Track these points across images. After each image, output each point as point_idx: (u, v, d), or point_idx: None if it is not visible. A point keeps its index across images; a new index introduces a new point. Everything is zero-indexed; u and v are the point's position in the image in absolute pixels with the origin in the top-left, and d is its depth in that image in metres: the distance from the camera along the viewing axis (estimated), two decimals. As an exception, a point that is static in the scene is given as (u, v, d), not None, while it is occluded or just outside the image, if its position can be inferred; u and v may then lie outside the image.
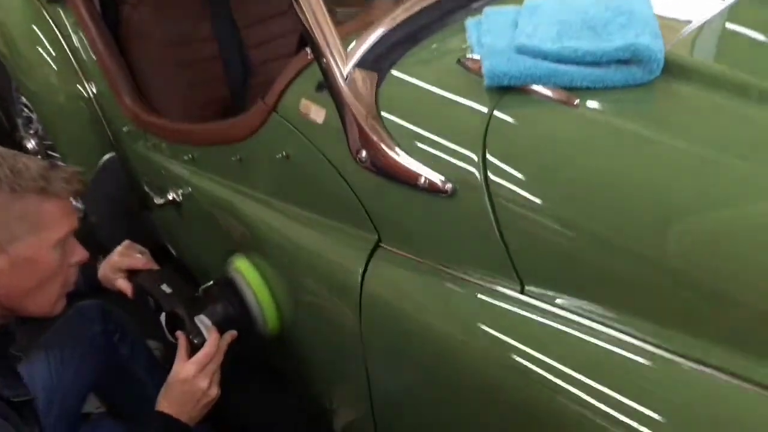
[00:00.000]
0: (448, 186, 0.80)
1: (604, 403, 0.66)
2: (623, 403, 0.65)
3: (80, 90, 1.68)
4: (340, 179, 0.94)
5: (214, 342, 1.07)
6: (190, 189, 1.36)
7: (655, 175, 0.70)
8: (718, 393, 0.62)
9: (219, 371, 1.08)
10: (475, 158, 0.78)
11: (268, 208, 1.09)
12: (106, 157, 1.68)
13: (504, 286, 0.78)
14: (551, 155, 0.75)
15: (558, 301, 0.73)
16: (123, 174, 1.70)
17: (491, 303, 0.78)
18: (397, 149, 0.84)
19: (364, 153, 0.87)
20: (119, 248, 1.26)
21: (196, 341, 1.07)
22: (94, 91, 1.67)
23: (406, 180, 0.84)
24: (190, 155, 1.31)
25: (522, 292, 0.76)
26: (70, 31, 1.68)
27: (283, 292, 1.10)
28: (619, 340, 0.68)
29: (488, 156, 0.77)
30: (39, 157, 2.07)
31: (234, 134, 1.12)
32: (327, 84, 0.90)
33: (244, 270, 1.14)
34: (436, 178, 0.81)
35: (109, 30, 1.64)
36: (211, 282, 1.18)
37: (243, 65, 1.83)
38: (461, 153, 0.80)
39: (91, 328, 1.34)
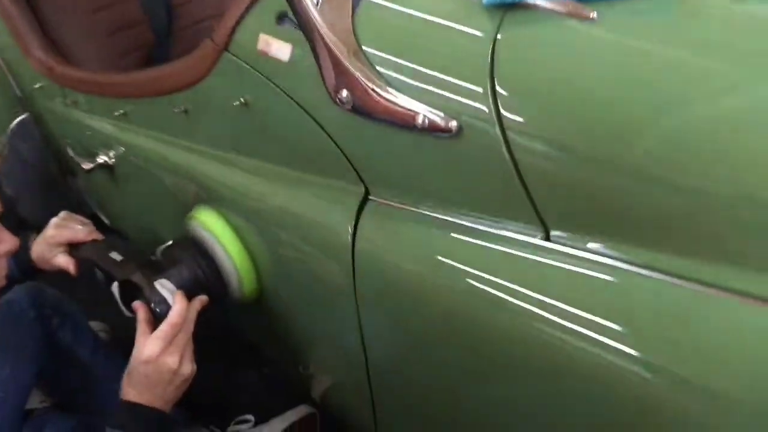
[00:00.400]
0: (452, 123, 0.68)
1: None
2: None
3: (-24, 44, 1.45)
4: (314, 126, 0.81)
5: (181, 308, 0.90)
6: (123, 149, 1.20)
7: (692, 99, 0.61)
8: None
9: (192, 344, 0.92)
10: (482, 89, 0.66)
11: (227, 166, 0.95)
12: (18, 119, 1.47)
13: (525, 234, 0.68)
14: (571, 80, 0.65)
15: (590, 245, 0.65)
16: (39, 137, 1.49)
17: (511, 253, 0.69)
18: (386, 86, 0.72)
19: (344, 93, 0.75)
20: (55, 220, 1.10)
21: (158, 310, 0.91)
22: (-4, 45, 1.44)
23: (400, 121, 0.72)
24: (121, 110, 1.14)
25: (547, 238, 0.67)
26: (-43, -26, 1.43)
27: (260, 252, 0.96)
28: (666, 284, 0.61)
29: (498, 86, 0.66)
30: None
31: (176, 82, 0.97)
32: (294, 13, 0.76)
33: (211, 224, 0.97)
34: (437, 115, 0.69)
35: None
36: (170, 242, 1.02)
37: (164, 4, 1.63)
38: (464, 85, 0.68)
39: (24, 315, 1.18)
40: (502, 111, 0.66)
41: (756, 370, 0.54)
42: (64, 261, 1.08)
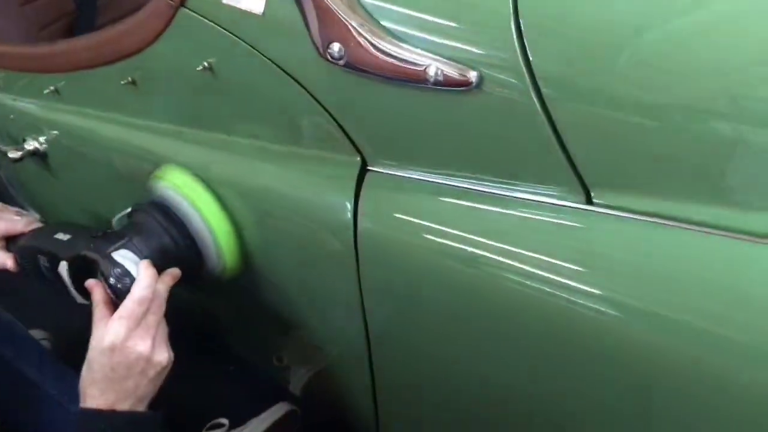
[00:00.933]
0: (471, 75, 0.58)
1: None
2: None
3: None
4: (297, 88, 0.69)
5: (148, 279, 0.73)
6: (57, 133, 1.04)
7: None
8: None
9: (165, 326, 0.75)
10: (506, 32, 0.57)
11: (189, 143, 0.82)
12: None
13: (562, 198, 0.60)
14: (612, 19, 0.56)
15: (638, 206, 0.57)
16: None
17: (548, 222, 0.60)
18: (387, 36, 0.62)
19: (336, 47, 0.63)
20: None
21: (119, 286, 0.74)
22: None
23: (405, 76, 0.61)
24: (51, 87, 0.98)
25: (589, 202, 0.59)
26: None
27: (243, 227, 0.82)
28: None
29: (524, 26, 0.56)
30: None
31: (121, 48, 0.82)
32: (271, -47, 0.64)
33: (184, 185, 0.81)
34: (452, 67, 0.59)
35: None
36: (129, 209, 0.85)
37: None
38: (484, 28, 0.58)
39: None
40: (531, 55, 0.56)
41: None
42: (1, 258, 0.91)
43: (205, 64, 0.75)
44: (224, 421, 1.19)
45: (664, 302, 0.54)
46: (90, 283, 0.77)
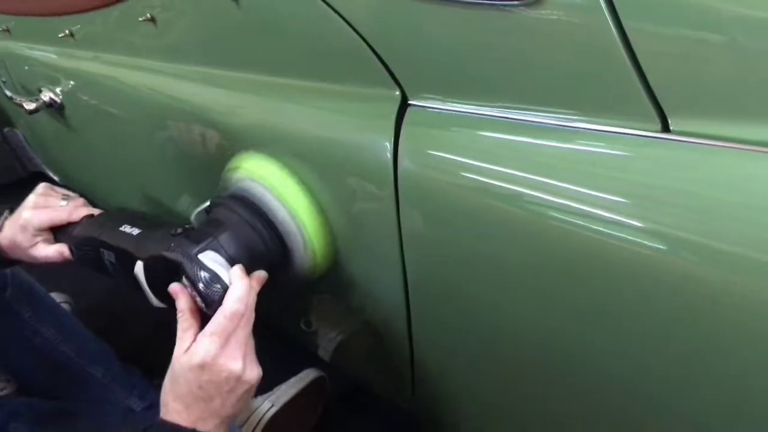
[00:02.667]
0: (529, -12, 0.51)
1: None
2: None
3: None
4: (329, 13, 0.62)
5: (241, 289, 0.67)
6: (73, 82, 0.98)
7: None
8: None
9: (252, 337, 0.68)
10: (573, -63, 0.49)
11: (218, 87, 0.76)
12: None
13: (636, 127, 0.52)
14: None
15: (722, 134, 0.49)
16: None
17: (618, 155, 0.53)
18: (433, -56, 0.54)
19: (375, -39, 0.57)
20: (32, 197, 0.86)
21: (210, 292, 0.67)
22: None
23: (453, -8, 0.54)
24: (66, 31, 0.92)
25: (666, 130, 0.52)
26: None
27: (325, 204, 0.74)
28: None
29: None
30: None
31: (138, -20, 0.76)
32: None
33: (262, 171, 0.72)
34: (506, -21, 0.52)
35: None
36: (207, 203, 0.77)
37: None
38: (546, -68, 0.51)
39: None
40: (604, -37, 0.49)
41: None
42: (53, 251, 0.84)
43: (231, -9, 0.68)
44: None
45: (751, 241, 0.47)
46: (175, 288, 0.70)
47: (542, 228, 0.56)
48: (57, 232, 0.85)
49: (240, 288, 0.67)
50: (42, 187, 0.87)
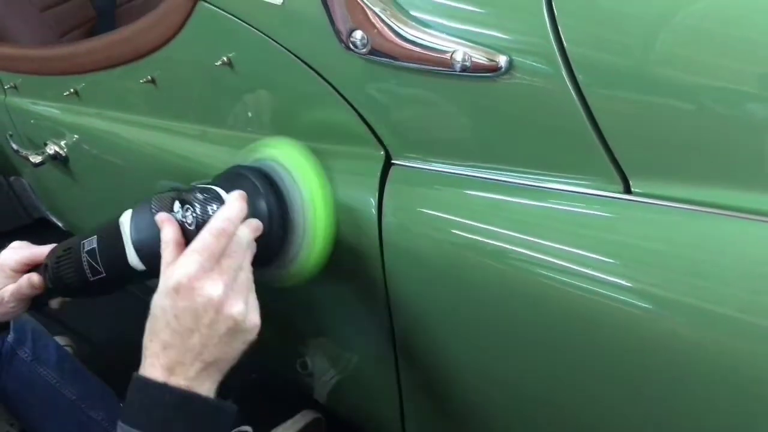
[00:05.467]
0: (501, 59, 0.56)
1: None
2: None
3: None
4: (318, 80, 0.67)
5: (235, 208, 0.60)
6: (77, 136, 1.03)
7: None
8: None
9: (253, 288, 0.61)
10: (537, 17, 0.54)
11: (209, 143, 0.80)
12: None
13: (600, 188, 0.56)
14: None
15: (679, 194, 0.53)
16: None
17: (584, 213, 0.57)
18: (412, 22, 0.59)
19: (359, 34, 0.61)
20: (6, 250, 0.81)
21: (210, 210, 0.61)
22: None
23: (431, 62, 0.59)
24: (71, 89, 0.97)
25: (627, 191, 0.55)
26: None
27: None
28: None
29: (557, 11, 0.53)
30: None
31: (140, 45, 0.81)
32: (290, -61, 0.62)
33: (293, 159, 0.68)
34: (479, 51, 0.56)
35: None
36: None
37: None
38: (513, 14, 0.55)
39: None
40: (565, 40, 0.53)
41: None
42: (23, 280, 0.76)
43: (224, 58, 0.73)
44: (248, 428, 1.17)
45: (707, 294, 0.51)
46: (162, 216, 0.62)
47: (518, 281, 0.60)
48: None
49: (234, 207, 0.61)
50: (16, 243, 0.82)
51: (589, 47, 0.53)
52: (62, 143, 1.05)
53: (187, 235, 0.62)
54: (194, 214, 0.62)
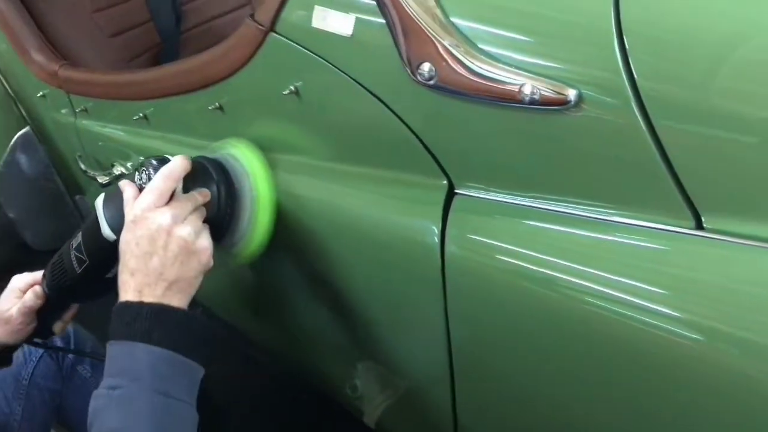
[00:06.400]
0: (570, 93, 0.56)
1: None
2: None
3: (-30, 53, 1.31)
4: (384, 110, 0.68)
5: (181, 158, 0.75)
6: (144, 158, 1.06)
7: None
8: None
9: (199, 218, 0.74)
10: (608, 51, 0.54)
11: (276, 169, 0.82)
12: (19, 133, 1.34)
13: (669, 223, 0.56)
14: (733, 32, 0.52)
15: (753, 231, 0.52)
16: (43, 152, 1.36)
17: (652, 248, 0.56)
18: (480, 55, 0.60)
19: (427, 67, 0.62)
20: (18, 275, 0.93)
21: (148, 177, 0.75)
22: (-10, 52, 1.31)
23: (498, 95, 0.59)
24: (141, 114, 1.01)
25: (699, 227, 0.55)
26: (-57, -24, 1.30)
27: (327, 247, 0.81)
28: None
29: (629, 45, 0.53)
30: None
31: (210, 74, 0.84)
32: (362, -25, 0.64)
33: (247, 157, 0.80)
34: (548, 85, 0.57)
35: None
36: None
37: (171, 3, 1.51)
38: (583, 49, 0.56)
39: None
40: (636, 74, 0.53)
41: None
42: (28, 294, 0.88)
43: (292, 88, 0.75)
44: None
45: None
46: (122, 183, 0.77)
47: (581, 314, 0.59)
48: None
49: (178, 159, 0.76)
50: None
51: (661, 81, 0.53)
52: (129, 165, 1.09)
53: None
54: (149, 176, 0.76)
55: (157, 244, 0.69)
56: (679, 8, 0.52)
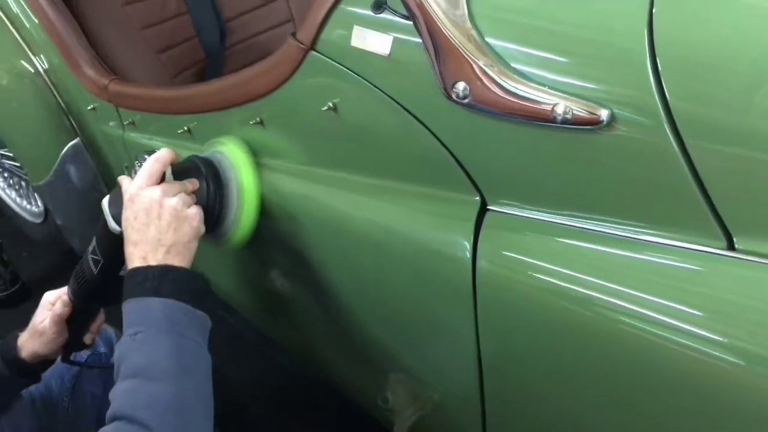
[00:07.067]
0: (603, 113, 0.57)
1: None
2: None
3: (26, 66, 1.38)
4: (419, 127, 0.70)
5: (166, 149, 0.87)
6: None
7: None
8: None
9: (187, 193, 0.84)
10: (641, 72, 0.55)
11: (311, 182, 0.85)
12: (69, 144, 1.39)
13: (701, 243, 0.56)
14: (763, 54, 0.52)
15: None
16: (92, 163, 1.41)
17: (685, 268, 0.57)
18: (514, 75, 0.61)
19: (461, 86, 0.64)
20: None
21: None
22: (45, 65, 1.37)
23: (532, 115, 0.61)
24: (185, 127, 1.04)
25: (731, 248, 0.55)
26: (6, -5, 1.37)
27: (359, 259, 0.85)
28: None
29: (660, 64, 0.54)
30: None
31: (252, 89, 0.87)
32: (400, -3, 0.66)
33: (236, 156, 0.90)
34: (581, 105, 0.58)
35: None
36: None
37: (216, 20, 1.56)
38: (616, 70, 0.57)
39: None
40: (668, 95, 0.54)
41: None
42: (57, 305, 0.96)
43: (330, 104, 0.77)
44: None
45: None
46: (120, 177, 0.87)
47: (612, 331, 0.60)
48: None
49: (164, 149, 0.87)
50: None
51: (694, 102, 0.53)
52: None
53: None
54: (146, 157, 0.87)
55: (152, 215, 0.79)
56: (711, 29, 0.53)
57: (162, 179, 0.85)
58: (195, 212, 0.82)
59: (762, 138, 0.51)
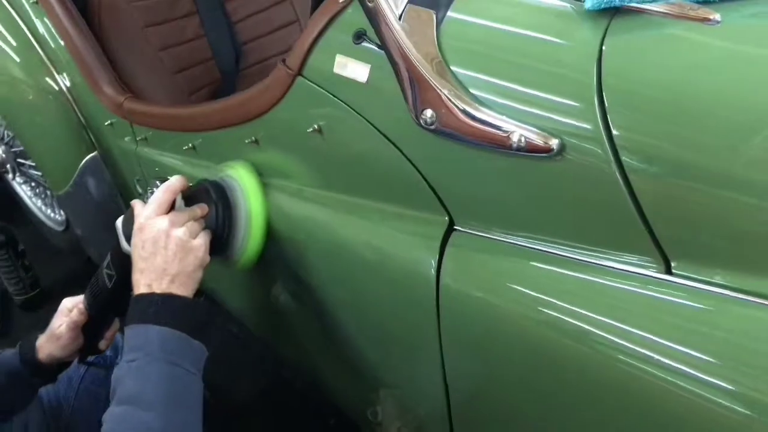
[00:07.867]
0: (553, 142, 0.61)
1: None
2: None
3: (50, 83, 1.46)
4: (394, 151, 0.75)
5: (179, 177, 0.90)
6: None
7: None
8: None
9: (199, 226, 0.86)
10: (588, 103, 0.59)
11: (299, 199, 0.90)
12: (88, 157, 1.47)
13: (641, 266, 0.60)
14: (691, 90, 0.56)
15: (719, 279, 0.56)
16: (109, 175, 1.49)
17: (625, 290, 0.60)
18: (476, 104, 0.66)
19: (429, 113, 0.68)
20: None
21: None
22: (67, 83, 1.45)
23: (491, 141, 0.65)
24: (190, 144, 1.11)
25: (668, 272, 0.58)
26: (33, 15, 1.46)
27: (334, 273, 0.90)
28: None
29: (606, 99, 0.58)
30: (8, 167, 1.85)
31: (247, 110, 0.93)
32: (375, 30, 0.71)
33: (246, 180, 0.93)
34: (535, 134, 0.62)
35: (79, 13, 1.43)
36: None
37: (232, 43, 1.63)
38: (568, 100, 0.61)
39: None
40: (612, 126, 0.58)
41: None
42: (73, 313, 0.99)
43: (315, 126, 0.82)
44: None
45: (738, 377, 0.52)
46: (133, 201, 0.91)
47: (566, 348, 0.63)
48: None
49: (174, 178, 0.90)
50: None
51: (635, 132, 0.57)
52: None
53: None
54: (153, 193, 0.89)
55: (159, 244, 0.82)
56: (656, 66, 0.57)
57: (172, 207, 0.87)
58: (200, 243, 0.84)
59: (698, 169, 0.55)
